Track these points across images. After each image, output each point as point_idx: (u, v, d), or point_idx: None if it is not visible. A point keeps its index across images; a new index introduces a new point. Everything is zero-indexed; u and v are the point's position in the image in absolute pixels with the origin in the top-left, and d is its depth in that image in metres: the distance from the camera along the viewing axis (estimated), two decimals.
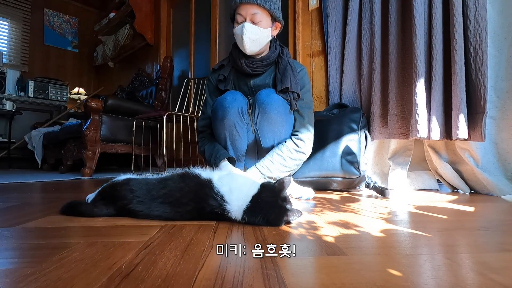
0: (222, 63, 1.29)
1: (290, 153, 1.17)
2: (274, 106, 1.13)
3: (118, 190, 0.75)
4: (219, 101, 1.16)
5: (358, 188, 1.42)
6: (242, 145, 1.18)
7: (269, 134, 1.17)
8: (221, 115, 1.14)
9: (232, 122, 1.13)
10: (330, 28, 1.79)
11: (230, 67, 1.27)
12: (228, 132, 1.15)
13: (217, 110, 1.15)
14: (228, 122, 1.13)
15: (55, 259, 0.46)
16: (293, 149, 1.18)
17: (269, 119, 1.14)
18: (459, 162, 1.38)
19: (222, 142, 1.19)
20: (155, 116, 2.19)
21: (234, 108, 1.13)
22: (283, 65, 1.22)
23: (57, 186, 1.67)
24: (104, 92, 4.49)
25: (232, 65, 1.27)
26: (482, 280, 0.39)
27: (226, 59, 1.30)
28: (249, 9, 1.12)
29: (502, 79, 1.28)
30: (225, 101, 1.14)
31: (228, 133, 1.15)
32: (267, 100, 1.13)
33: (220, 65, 1.29)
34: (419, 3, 1.34)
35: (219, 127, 1.17)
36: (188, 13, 3.17)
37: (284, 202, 0.71)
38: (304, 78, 1.26)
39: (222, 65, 1.29)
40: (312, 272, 0.42)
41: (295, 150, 1.17)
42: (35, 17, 4.26)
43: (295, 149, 1.18)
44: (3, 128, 3.49)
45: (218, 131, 1.18)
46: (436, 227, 0.71)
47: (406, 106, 1.44)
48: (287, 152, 1.16)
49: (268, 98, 1.14)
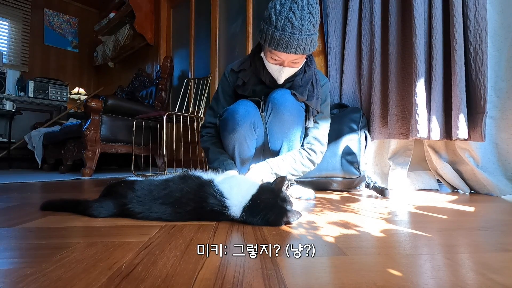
0: (243, 67, 1.20)
1: (302, 159, 1.15)
2: (287, 107, 1.09)
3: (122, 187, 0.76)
4: (231, 113, 1.10)
5: (358, 188, 1.42)
6: (250, 155, 1.17)
7: (279, 135, 1.14)
8: (232, 128, 1.09)
9: (243, 136, 1.10)
10: (330, 28, 1.79)
11: (250, 72, 1.19)
12: (238, 144, 1.12)
13: (227, 121, 1.11)
14: (238, 135, 1.10)
15: (55, 259, 0.46)
16: (306, 156, 1.16)
17: (281, 120, 1.11)
18: (459, 162, 1.38)
19: (229, 152, 1.16)
20: (155, 116, 2.20)
21: (246, 122, 1.08)
22: (308, 76, 1.17)
23: (57, 186, 1.67)
24: (104, 92, 4.49)
25: (253, 71, 1.19)
26: (482, 280, 0.39)
27: (247, 63, 1.20)
28: (289, 56, 1.02)
29: (502, 79, 1.28)
30: (237, 114, 1.08)
31: (237, 145, 1.12)
32: (281, 100, 1.10)
33: (241, 69, 1.21)
34: (419, 3, 1.34)
35: (228, 138, 1.13)
36: (188, 13, 3.17)
37: (284, 203, 0.71)
38: (327, 91, 1.25)
39: (243, 69, 1.20)
40: (312, 272, 0.42)
41: (307, 158, 1.16)
42: (35, 17, 4.26)
43: (308, 156, 1.16)
44: (3, 128, 3.49)
45: (227, 142, 1.14)
46: (436, 227, 0.71)
47: (406, 106, 1.44)
48: (299, 157, 1.15)
49: (282, 99, 1.10)
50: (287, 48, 0.97)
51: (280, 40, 0.96)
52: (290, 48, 0.97)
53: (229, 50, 2.77)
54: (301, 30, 0.94)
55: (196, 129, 2.44)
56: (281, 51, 0.99)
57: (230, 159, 1.16)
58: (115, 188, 0.78)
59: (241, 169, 1.15)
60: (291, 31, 0.94)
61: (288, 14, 0.94)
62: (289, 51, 0.98)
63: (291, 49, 0.97)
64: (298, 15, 0.93)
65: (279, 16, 0.95)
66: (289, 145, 1.16)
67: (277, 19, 0.95)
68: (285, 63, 1.05)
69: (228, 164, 1.12)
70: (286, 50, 0.98)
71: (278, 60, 1.05)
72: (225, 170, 1.10)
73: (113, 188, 0.79)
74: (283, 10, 0.94)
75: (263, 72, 1.15)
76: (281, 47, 0.97)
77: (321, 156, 1.21)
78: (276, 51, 1.01)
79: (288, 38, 0.95)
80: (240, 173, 1.14)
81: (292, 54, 1.00)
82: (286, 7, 0.94)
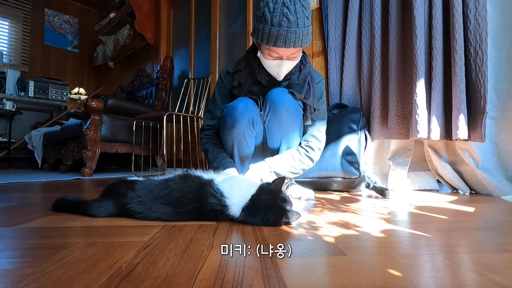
0: (238, 68, 1.21)
1: (300, 156, 1.16)
2: (285, 106, 1.10)
3: (122, 187, 0.76)
4: (230, 110, 1.11)
5: (358, 188, 1.42)
6: (249, 153, 1.17)
7: (277, 134, 1.15)
8: (231, 124, 1.10)
9: (242, 132, 1.10)
10: (330, 28, 1.79)
11: (246, 73, 1.20)
12: (237, 140, 1.12)
13: (226, 118, 1.11)
14: (237, 131, 1.10)
15: (55, 259, 0.46)
16: (304, 153, 1.17)
17: (279, 119, 1.11)
18: (459, 163, 1.38)
19: (228, 149, 1.16)
20: (155, 116, 2.20)
21: (245, 119, 1.09)
22: (304, 74, 1.18)
23: (57, 186, 1.67)
24: (104, 92, 4.50)
25: (249, 72, 1.20)
26: (482, 281, 0.39)
27: (242, 64, 1.21)
28: (288, 51, 1.04)
29: (502, 80, 1.28)
30: (236, 110, 1.09)
31: (236, 141, 1.12)
32: (279, 99, 1.10)
33: (236, 70, 1.22)
34: (419, 4, 1.34)
35: (227, 135, 1.13)
36: (188, 13, 3.17)
37: (283, 203, 0.71)
38: (322, 89, 1.25)
39: (238, 71, 1.21)
40: (312, 272, 0.42)
41: (305, 155, 1.17)
42: (35, 17, 4.26)
43: (306, 154, 1.17)
44: (3, 128, 3.49)
45: (226, 139, 1.15)
46: (436, 228, 0.71)
47: (406, 107, 1.44)
48: (298, 155, 1.16)
49: (279, 97, 1.11)
50: (286, 42, 0.99)
51: (278, 36, 0.97)
52: (289, 42, 0.99)
53: (229, 50, 2.77)
54: (297, 23, 0.96)
55: (196, 129, 2.44)
56: (280, 46, 1.00)
57: (229, 157, 1.16)
58: (116, 187, 0.79)
59: (240, 167, 1.15)
60: (288, 26, 0.96)
61: (283, 9, 0.95)
62: (288, 45, 1.00)
63: (290, 43, 0.99)
64: (292, 9, 0.95)
65: (273, 13, 0.96)
66: (288, 143, 1.16)
67: (272, 16, 0.96)
68: (284, 58, 1.07)
69: (226, 162, 1.13)
70: (285, 45, 0.99)
71: (277, 56, 1.06)
72: (224, 169, 1.11)
73: (114, 188, 0.79)
74: (277, 7, 0.96)
75: (259, 72, 1.16)
76: (280, 43, 0.99)
77: (319, 152, 1.21)
78: (274, 48, 1.02)
79: (285, 33, 0.97)
80: (239, 172, 1.14)
81: (290, 48, 1.02)
82: (279, 3, 0.96)
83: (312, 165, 1.20)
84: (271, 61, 1.09)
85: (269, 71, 1.13)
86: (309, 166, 1.20)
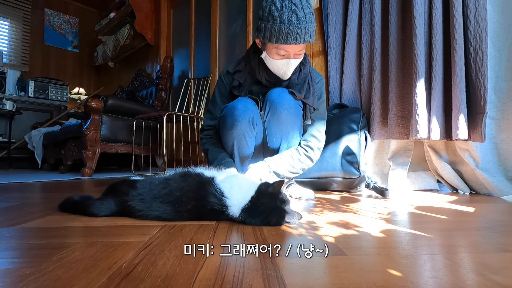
0: (238, 68, 1.21)
1: (300, 156, 1.16)
2: (285, 106, 1.10)
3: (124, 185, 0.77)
4: (230, 109, 1.11)
5: (358, 188, 1.42)
6: (249, 153, 1.17)
7: (277, 134, 1.15)
8: (231, 124, 1.10)
9: (242, 132, 1.10)
10: (330, 28, 1.79)
11: (246, 73, 1.20)
12: (237, 140, 1.12)
13: (226, 117, 1.11)
14: (237, 131, 1.10)
15: (55, 259, 0.46)
16: (303, 153, 1.17)
17: (279, 119, 1.11)
18: (459, 163, 1.38)
19: (228, 149, 1.16)
20: (155, 116, 2.20)
21: (245, 118, 1.09)
22: (304, 74, 1.19)
23: (57, 186, 1.67)
24: (104, 92, 4.49)
25: (249, 71, 1.21)
26: (482, 281, 0.39)
27: (242, 64, 1.21)
28: (296, 48, 1.04)
29: (502, 80, 1.28)
30: (236, 110, 1.09)
31: (236, 141, 1.12)
32: (279, 98, 1.11)
33: (236, 70, 1.22)
34: (420, 4, 1.34)
35: (227, 135, 1.13)
36: (188, 13, 3.17)
37: (283, 204, 0.71)
38: (322, 88, 1.25)
39: (238, 71, 1.21)
40: (312, 272, 0.42)
41: (305, 154, 1.17)
42: (35, 17, 4.26)
43: (305, 153, 1.17)
44: (3, 128, 3.49)
45: (226, 139, 1.15)
46: (436, 228, 0.71)
47: (406, 107, 1.44)
48: (297, 154, 1.16)
49: (279, 97, 1.11)
50: (297, 38, 0.99)
51: (289, 33, 0.98)
52: (300, 38, 0.99)
53: (229, 50, 2.77)
54: (305, 19, 0.98)
55: (196, 129, 2.44)
56: (291, 43, 1.00)
57: (229, 157, 1.16)
58: (118, 186, 0.79)
59: (240, 167, 1.15)
60: (298, 22, 0.97)
61: (291, 6, 0.96)
62: (299, 41, 1.00)
63: (300, 39, 0.99)
64: (299, 5, 0.97)
65: (282, 10, 0.97)
66: (288, 143, 1.16)
67: (281, 13, 0.97)
68: (291, 55, 1.07)
69: (226, 162, 1.13)
70: (296, 41, 1.00)
71: (286, 53, 1.06)
72: (223, 169, 1.10)
73: (116, 187, 0.80)
74: (284, 4, 0.96)
75: (259, 72, 1.16)
76: (291, 39, 0.99)
77: (319, 152, 1.21)
78: (285, 45, 1.02)
79: (296, 29, 0.97)
80: (239, 172, 1.14)
81: (300, 45, 1.02)
82: (286, 1, 0.97)
83: (312, 164, 1.20)
84: (278, 61, 1.09)
85: (275, 70, 1.13)
86: (309, 166, 1.20)
